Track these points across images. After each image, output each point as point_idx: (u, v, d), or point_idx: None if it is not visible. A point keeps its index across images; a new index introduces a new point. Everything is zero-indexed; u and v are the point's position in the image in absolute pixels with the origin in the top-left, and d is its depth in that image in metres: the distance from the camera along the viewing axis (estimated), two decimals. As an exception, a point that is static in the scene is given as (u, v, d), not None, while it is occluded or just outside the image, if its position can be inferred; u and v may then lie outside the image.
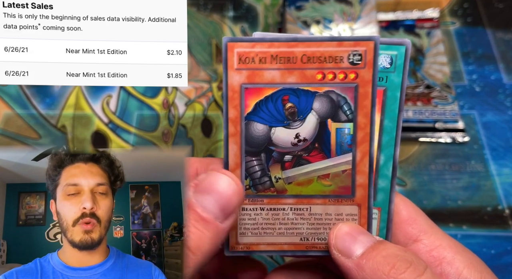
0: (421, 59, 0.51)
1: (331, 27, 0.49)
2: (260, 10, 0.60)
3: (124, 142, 0.49)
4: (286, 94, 0.24)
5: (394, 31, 0.53)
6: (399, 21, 0.54)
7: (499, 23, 0.57)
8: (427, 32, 0.53)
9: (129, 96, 0.52)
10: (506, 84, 0.52)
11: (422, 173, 0.47)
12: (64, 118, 0.51)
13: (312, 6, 0.50)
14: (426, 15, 0.54)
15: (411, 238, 0.26)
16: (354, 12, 0.49)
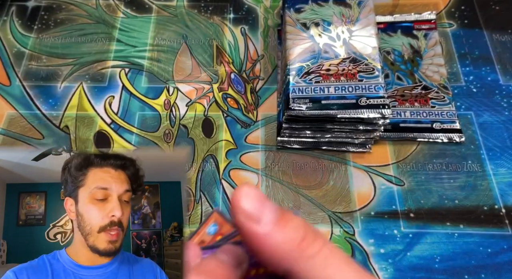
0: (419, 61, 0.52)
1: (330, 29, 0.49)
2: (260, 12, 0.60)
3: (126, 142, 0.49)
4: None
5: (392, 33, 0.54)
6: (397, 23, 0.55)
7: (495, 25, 0.57)
8: (425, 34, 0.53)
9: (131, 97, 0.53)
10: (503, 85, 0.52)
11: (420, 173, 0.47)
12: (67, 119, 0.51)
13: (311, 9, 0.51)
14: (423, 17, 0.54)
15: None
16: (352, 15, 0.50)
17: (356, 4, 0.50)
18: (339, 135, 0.46)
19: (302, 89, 0.45)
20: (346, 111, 0.43)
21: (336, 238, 0.43)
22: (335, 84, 0.45)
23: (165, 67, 0.55)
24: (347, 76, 0.45)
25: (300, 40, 0.48)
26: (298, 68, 0.46)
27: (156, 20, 0.60)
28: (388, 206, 0.45)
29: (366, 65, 0.45)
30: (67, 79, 0.54)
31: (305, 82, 0.45)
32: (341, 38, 0.48)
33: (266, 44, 0.57)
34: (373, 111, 0.42)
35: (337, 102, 0.44)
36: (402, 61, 0.51)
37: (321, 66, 0.46)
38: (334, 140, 0.47)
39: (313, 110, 0.43)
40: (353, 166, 0.48)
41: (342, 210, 0.45)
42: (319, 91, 0.44)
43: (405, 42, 0.52)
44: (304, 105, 0.44)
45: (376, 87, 0.44)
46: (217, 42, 0.57)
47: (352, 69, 0.45)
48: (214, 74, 0.55)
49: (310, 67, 0.46)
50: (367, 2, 0.50)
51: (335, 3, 0.51)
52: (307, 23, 0.50)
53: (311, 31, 0.49)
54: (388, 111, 0.42)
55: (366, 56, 0.46)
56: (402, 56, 0.51)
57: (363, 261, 0.42)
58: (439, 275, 0.41)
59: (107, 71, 0.55)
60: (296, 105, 0.44)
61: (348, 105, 0.43)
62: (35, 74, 0.55)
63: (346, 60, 0.46)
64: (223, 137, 0.50)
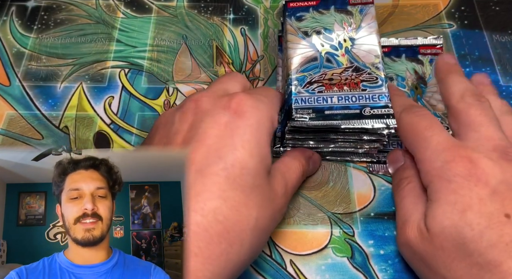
0: (423, 88, 0.49)
1: (332, 37, 0.48)
2: (260, 13, 0.60)
3: (126, 142, 0.49)
4: None
5: (396, 58, 0.52)
6: (402, 46, 0.52)
7: (496, 25, 0.57)
8: (430, 59, 0.51)
9: (131, 97, 0.53)
10: (503, 86, 0.52)
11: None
12: (67, 119, 0.51)
13: (312, 17, 0.50)
14: (430, 42, 0.52)
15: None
16: (354, 22, 0.49)
17: (358, 12, 0.49)
18: (343, 146, 0.46)
19: (305, 100, 0.44)
20: (350, 122, 0.42)
21: (335, 239, 0.43)
22: (338, 94, 0.44)
23: (165, 68, 0.55)
24: (350, 86, 0.44)
25: (302, 49, 0.48)
26: (300, 77, 0.45)
27: (156, 21, 0.60)
28: (388, 207, 0.45)
29: (369, 74, 0.45)
30: (67, 79, 0.55)
31: (307, 92, 0.44)
32: (343, 46, 0.47)
33: (266, 44, 0.57)
34: (377, 122, 0.42)
35: (340, 112, 0.43)
36: (405, 87, 0.49)
37: (323, 76, 0.45)
38: (338, 150, 0.46)
39: (316, 121, 0.42)
40: (353, 166, 0.48)
41: (341, 211, 0.45)
42: (322, 102, 0.43)
43: (409, 67, 0.51)
44: (308, 116, 0.43)
45: (380, 96, 0.43)
46: (217, 43, 0.57)
47: (355, 78, 0.45)
48: (214, 75, 0.55)
49: (312, 76, 0.45)
50: (369, 10, 0.49)
51: (337, 11, 0.50)
52: (308, 31, 0.49)
53: (313, 39, 0.48)
54: (393, 121, 0.42)
55: (369, 65, 0.45)
56: (406, 82, 0.50)
57: (362, 262, 0.42)
58: (438, 276, 0.41)
59: (106, 71, 0.55)
60: (299, 116, 0.43)
61: (352, 115, 0.42)
62: (35, 74, 0.55)
63: (349, 69, 0.45)
64: (223, 138, 0.50)
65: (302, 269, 0.42)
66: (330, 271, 0.42)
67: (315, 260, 0.42)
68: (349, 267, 0.42)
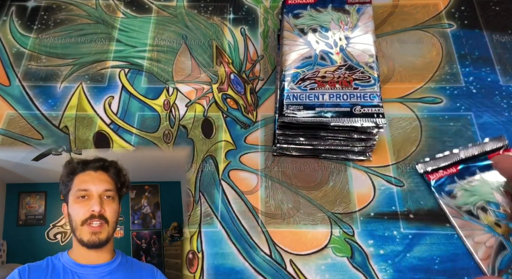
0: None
1: (328, 35, 0.48)
2: (260, 13, 0.60)
3: (126, 142, 0.49)
4: None
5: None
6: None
7: (496, 25, 0.57)
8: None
9: (131, 97, 0.53)
10: (503, 86, 0.52)
11: (419, 174, 0.47)
12: (67, 119, 0.51)
13: (309, 14, 0.50)
14: (494, 146, 0.46)
15: None
16: (351, 21, 0.49)
17: (355, 11, 0.50)
18: (335, 143, 0.46)
19: (297, 96, 0.44)
20: (340, 119, 0.42)
21: (335, 238, 0.43)
22: (330, 91, 0.44)
23: (165, 68, 0.55)
24: (343, 84, 0.44)
25: (297, 46, 0.48)
26: (293, 74, 0.46)
27: (156, 21, 0.60)
28: (388, 207, 0.45)
29: (362, 73, 0.45)
30: (67, 79, 0.54)
31: (300, 88, 0.45)
32: (338, 45, 0.48)
33: (266, 44, 0.57)
34: (367, 120, 0.42)
35: (331, 110, 0.43)
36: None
37: (316, 73, 0.46)
38: (334, 148, 0.46)
39: (306, 118, 0.43)
40: (352, 166, 0.48)
41: (341, 211, 0.45)
42: (313, 98, 0.44)
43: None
44: (298, 112, 0.43)
45: (371, 96, 0.43)
46: (217, 43, 0.57)
47: (348, 76, 0.45)
48: (214, 74, 0.55)
49: (305, 73, 0.46)
50: (366, 9, 0.50)
51: (334, 9, 0.50)
52: (304, 29, 0.49)
53: (308, 37, 0.48)
54: (382, 121, 0.42)
55: (363, 64, 0.46)
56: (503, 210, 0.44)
57: (362, 262, 0.42)
58: (438, 276, 0.41)
59: (106, 71, 0.55)
60: (290, 112, 0.43)
61: (342, 113, 0.43)
62: (35, 74, 0.55)
63: (342, 68, 0.46)
64: (223, 138, 0.50)
65: (302, 269, 0.42)
66: (330, 271, 0.42)
67: (315, 260, 0.42)
68: (349, 267, 0.42)
